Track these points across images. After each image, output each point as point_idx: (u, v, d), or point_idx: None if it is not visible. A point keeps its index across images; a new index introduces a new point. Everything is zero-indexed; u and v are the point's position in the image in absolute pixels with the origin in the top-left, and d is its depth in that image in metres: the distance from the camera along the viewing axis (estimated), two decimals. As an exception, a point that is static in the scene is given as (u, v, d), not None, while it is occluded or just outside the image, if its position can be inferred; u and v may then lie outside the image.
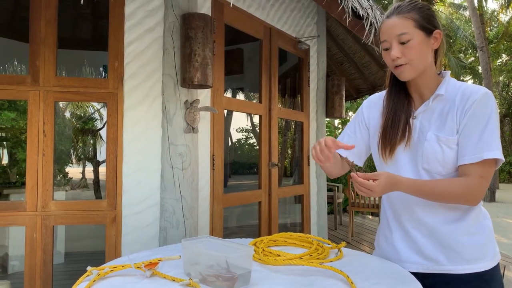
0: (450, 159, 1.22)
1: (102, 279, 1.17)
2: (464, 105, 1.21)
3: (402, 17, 1.21)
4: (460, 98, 1.22)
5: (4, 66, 4.96)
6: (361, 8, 3.17)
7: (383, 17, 1.28)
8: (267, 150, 3.43)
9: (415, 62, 1.22)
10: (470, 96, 1.20)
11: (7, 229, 3.91)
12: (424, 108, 1.28)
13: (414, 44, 1.20)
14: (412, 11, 1.22)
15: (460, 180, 1.19)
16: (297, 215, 4.19)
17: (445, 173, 1.23)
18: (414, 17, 1.21)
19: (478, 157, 1.17)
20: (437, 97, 1.26)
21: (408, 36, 1.20)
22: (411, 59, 1.21)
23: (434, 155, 1.22)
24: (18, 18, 4.52)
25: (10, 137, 6.06)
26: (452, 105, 1.23)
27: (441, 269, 1.26)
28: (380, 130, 1.35)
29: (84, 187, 13.89)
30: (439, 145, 1.22)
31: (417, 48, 1.21)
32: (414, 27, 1.20)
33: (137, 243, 2.42)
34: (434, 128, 1.25)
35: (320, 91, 4.19)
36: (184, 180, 2.40)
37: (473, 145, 1.18)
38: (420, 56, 1.22)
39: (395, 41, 1.21)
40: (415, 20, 1.21)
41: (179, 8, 2.42)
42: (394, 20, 1.22)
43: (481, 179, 1.18)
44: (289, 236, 1.55)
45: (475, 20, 14.72)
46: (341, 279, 1.14)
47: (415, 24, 1.20)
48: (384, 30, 1.25)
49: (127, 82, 2.44)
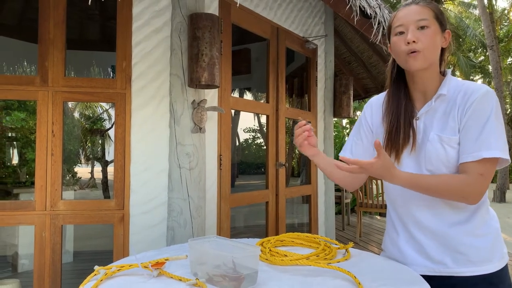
0: (453, 159, 1.20)
1: (109, 279, 1.18)
2: (465, 104, 1.19)
3: (423, 5, 1.24)
4: (461, 97, 1.21)
5: (13, 66, 5.01)
6: (369, 7, 3.15)
7: (400, 7, 1.29)
8: (274, 150, 3.43)
9: (428, 51, 1.21)
10: (471, 95, 1.19)
11: (17, 228, 3.95)
12: (427, 108, 1.26)
13: (431, 32, 1.21)
14: (432, 4, 1.25)
15: (459, 176, 1.17)
16: (304, 215, 4.17)
17: (448, 173, 1.22)
18: (434, 9, 1.24)
19: (477, 155, 1.15)
20: (439, 97, 1.25)
21: (427, 22, 1.21)
22: (426, 47, 1.21)
23: (437, 156, 1.21)
24: (27, 19, 4.56)
25: (20, 137, 6.12)
26: (453, 104, 1.22)
27: (447, 271, 1.25)
28: (385, 136, 1.33)
29: (92, 187, 13.98)
30: (442, 145, 1.21)
31: (433, 37, 1.21)
32: (433, 17, 1.23)
33: (145, 243, 2.43)
34: (437, 129, 1.23)
35: (327, 90, 4.17)
36: (192, 180, 2.41)
37: (472, 143, 1.16)
38: (433, 46, 1.22)
39: (413, 26, 1.21)
40: (435, 11, 1.24)
41: (187, 8, 2.43)
42: (416, 7, 1.24)
43: (480, 176, 1.16)
44: (296, 236, 1.55)
45: (485, 19, 14.57)
46: (348, 279, 1.14)
47: (434, 15, 1.23)
48: (401, 15, 1.25)
49: (134, 82, 2.45)
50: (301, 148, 1.39)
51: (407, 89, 1.32)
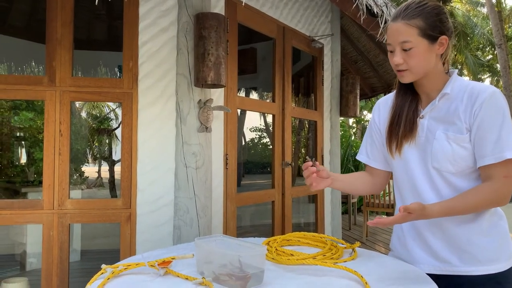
0: (460, 157, 1.20)
1: (116, 277, 1.18)
2: (472, 105, 1.19)
3: (407, 24, 1.18)
4: (467, 97, 1.21)
5: (22, 67, 5.05)
6: (376, 6, 3.13)
7: (390, 17, 1.27)
8: (280, 150, 3.42)
9: (415, 69, 1.22)
10: (479, 96, 1.19)
11: (25, 227, 3.98)
12: (431, 107, 1.27)
13: (416, 52, 1.19)
14: (418, 17, 1.18)
15: (486, 187, 1.18)
16: (311, 215, 4.16)
17: (454, 171, 1.22)
18: (419, 24, 1.18)
19: (500, 157, 1.15)
20: (443, 96, 1.25)
21: (410, 44, 1.18)
22: (412, 67, 1.21)
23: (444, 154, 1.21)
24: (35, 20, 4.60)
25: (28, 136, 6.17)
26: (459, 104, 1.22)
27: (454, 270, 1.25)
28: (387, 126, 1.36)
29: (100, 186, 14.06)
30: (449, 143, 1.21)
31: (419, 56, 1.20)
32: (418, 35, 1.18)
33: (151, 242, 2.44)
34: (443, 127, 1.24)
35: (334, 90, 4.16)
36: (198, 179, 2.41)
37: (492, 145, 1.16)
38: (421, 63, 1.21)
39: (398, 47, 1.21)
40: (420, 28, 1.18)
41: (193, 8, 2.43)
42: (399, 26, 1.19)
43: (506, 179, 1.16)
44: (303, 236, 1.54)
45: (493, 17, 14.42)
46: (355, 279, 1.13)
47: (419, 33, 1.18)
48: (389, 34, 1.24)
49: (141, 82, 2.46)
50: (316, 188, 1.33)
51: (413, 88, 1.33)
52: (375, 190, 1.49)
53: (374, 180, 1.47)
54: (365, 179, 1.48)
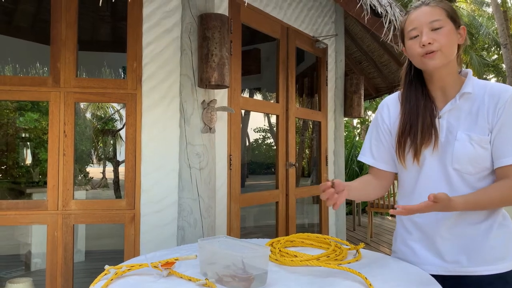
0: (482, 158, 1.19)
1: (120, 278, 1.18)
2: (495, 105, 1.18)
3: (435, 6, 1.22)
4: (489, 97, 1.20)
5: (27, 68, 5.08)
6: (380, 6, 3.12)
7: (411, 10, 1.27)
8: (284, 150, 3.42)
9: (446, 49, 1.20)
10: (501, 96, 1.19)
11: (30, 228, 4.00)
12: (451, 106, 1.24)
13: (446, 32, 1.20)
14: (442, 3, 1.23)
15: (507, 183, 1.17)
16: (315, 216, 4.15)
17: (474, 172, 1.21)
18: (446, 7, 1.23)
19: None
20: (463, 95, 1.23)
21: (441, 23, 1.20)
22: (443, 46, 1.19)
23: (466, 155, 1.20)
24: (39, 21, 4.63)
25: (33, 137, 6.21)
26: (481, 104, 1.21)
27: (461, 270, 1.24)
28: (396, 137, 1.32)
29: (104, 187, 14.11)
30: (471, 144, 1.19)
31: (449, 35, 1.20)
32: (446, 16, 1.21)
33: (155, 242, 2.44)
34: (464, 128, 1.22)
35: (338, 90, 4.15)
36: (202, 179, 2.41)
37: None
38: (451, 44, 1.21)
39: (427, 28, 1.20)
40: (447, 10, 1.22)
41: (196, 8, 2.43)
42: (426, 8, 1.23)
43: None
44: (307, 237, 1.54)
45: (498, 17, 14.34)
46: (359, 281, 1.12)
47: (447, 14, 1.22)
48: (413, 18, 1.24)
49: (145, 82, 2.47)
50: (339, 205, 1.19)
51: (426, 89, 1.30)
52: (383, 193, 1.47)
53: (381, 182, 1.43)
54: (373, 183, 1.42)
